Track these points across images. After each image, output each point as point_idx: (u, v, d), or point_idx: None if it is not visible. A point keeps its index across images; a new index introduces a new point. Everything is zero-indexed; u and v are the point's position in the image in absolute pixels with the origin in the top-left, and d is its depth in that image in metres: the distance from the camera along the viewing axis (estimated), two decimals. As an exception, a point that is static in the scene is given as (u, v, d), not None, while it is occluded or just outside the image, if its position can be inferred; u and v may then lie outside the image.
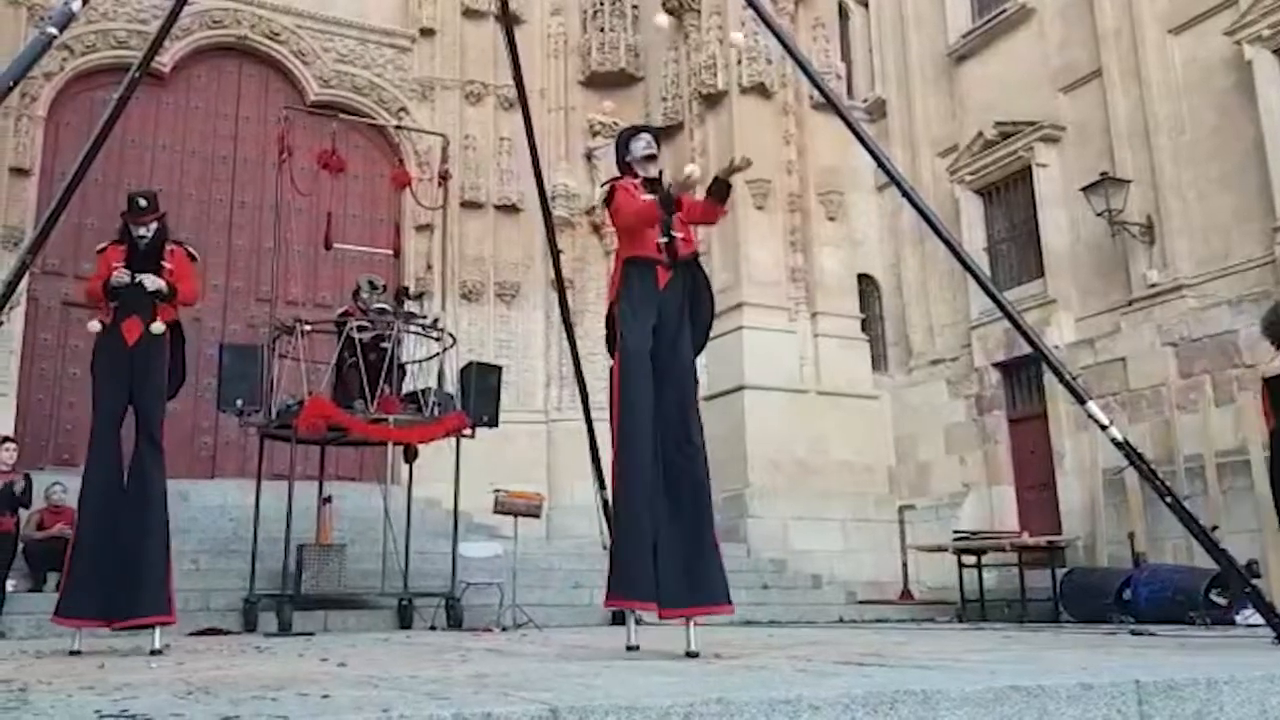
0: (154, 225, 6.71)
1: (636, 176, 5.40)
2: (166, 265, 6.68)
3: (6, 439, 10.39)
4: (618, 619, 4.60)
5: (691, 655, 4.59)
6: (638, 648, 4.54)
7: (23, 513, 10.19)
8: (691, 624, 4.78)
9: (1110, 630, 8.90)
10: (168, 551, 6.41)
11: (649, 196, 5.23)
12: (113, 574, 6.26)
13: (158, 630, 6.24)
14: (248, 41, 16.34)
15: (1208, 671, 3.33)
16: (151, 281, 6.54)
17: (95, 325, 6.56)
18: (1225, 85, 12.57)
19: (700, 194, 5.47)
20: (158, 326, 6.53)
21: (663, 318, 5.11)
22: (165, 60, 15.11)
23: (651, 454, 4.93)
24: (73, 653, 6.02)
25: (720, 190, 5.24)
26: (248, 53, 16.45)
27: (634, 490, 4.87)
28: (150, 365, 6.56)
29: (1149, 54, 13.25)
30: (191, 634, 9.07)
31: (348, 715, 2.52)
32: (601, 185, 5.45)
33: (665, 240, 5.15)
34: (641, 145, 5.45)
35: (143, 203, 6.70)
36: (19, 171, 14.27)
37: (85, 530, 6.34)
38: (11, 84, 4.19)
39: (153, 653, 6.01)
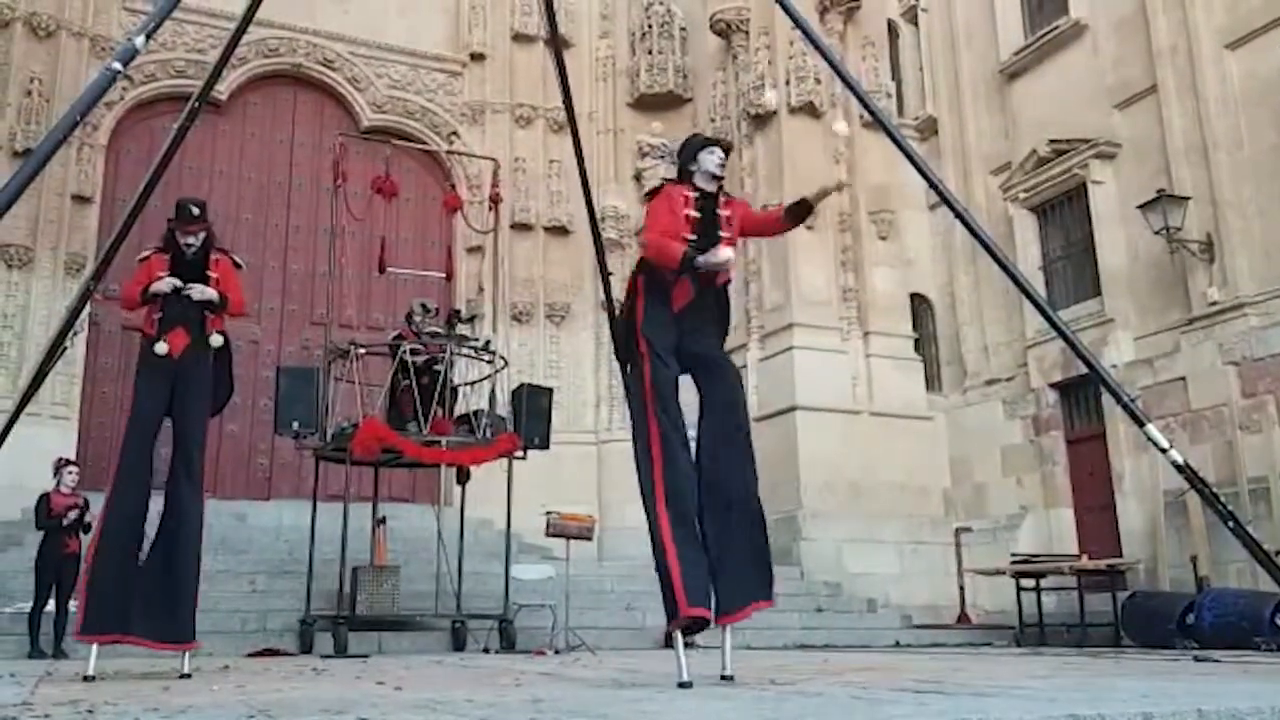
0: (202, 234, 6.39)
1: (694, 188, 5.22)
2: (212, 275, 6.35)
3: (69, 462, 10.42)
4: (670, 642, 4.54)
5: (726, 679, 4.60)
6: (690, 684, 4.30)
7: (83, 536, 10.33)
8: (728, 642, 4.75)
9: (1173, 656, 8.73)
10: (198, 576, 6.14)
11: (694, 213, 5.12)
12: (138, 592, 5.97)
13: (186, 655, 6.06)
14: (302, 69, 16.63)
15: (1272, 700, 3.26)
16: (200, 291, 6.23)
17: (163, 347, 6.13)
18: (1285, 100, 12.38)
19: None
20: (216, 339, 6.31)
21: (683, 328, 5.03)
22: (222, 88, 15.42)
23: (692, 474, 4.84)
24: (86, 678, 5.62)
25: (800, 211, 5.26)
26: (302, 80, 16.74)
27: (681, 508, 4.73)
28: (194, 380, 6.24)
29: (1206, 69, 13.07)
30: (249, 654, 9.19)
31: (406, 741, 2.54)
32: (660, 182, 5.41)
33: (693, 266, 5.00)
34: (714, 161, 5.25)
35: (195, 210, 6.36)
36: (81, 199, 14.59)
37: (107, 544, 5.96)
38: (78, 118, 4.28)
39: (182, 676, 5.84)
